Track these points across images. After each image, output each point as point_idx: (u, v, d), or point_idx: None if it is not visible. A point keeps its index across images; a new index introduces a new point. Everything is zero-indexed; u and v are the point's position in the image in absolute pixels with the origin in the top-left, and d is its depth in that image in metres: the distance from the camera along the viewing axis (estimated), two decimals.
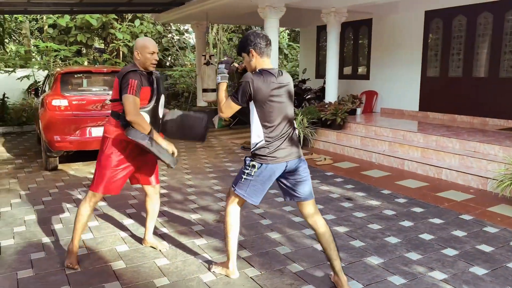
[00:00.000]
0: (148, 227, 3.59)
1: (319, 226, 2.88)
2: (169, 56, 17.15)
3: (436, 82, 8.68)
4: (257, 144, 2.78)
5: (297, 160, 2.85)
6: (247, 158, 2.87)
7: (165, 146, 3.14)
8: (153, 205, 3.53)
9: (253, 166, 2.80)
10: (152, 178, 3.45)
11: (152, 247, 3.59)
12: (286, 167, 2.82)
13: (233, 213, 2.98)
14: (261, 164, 2.77)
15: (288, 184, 2.89)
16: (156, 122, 3.25)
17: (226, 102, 2.80)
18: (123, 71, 3.10)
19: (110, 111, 3.25)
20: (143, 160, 3.31)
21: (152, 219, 3.58)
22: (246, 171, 2.83)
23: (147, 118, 3.11)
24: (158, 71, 3.41)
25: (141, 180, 3.43)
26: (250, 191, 2.85)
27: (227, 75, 2.91)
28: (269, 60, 2.86)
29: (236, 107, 2.80)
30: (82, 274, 3.11)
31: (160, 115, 3.31)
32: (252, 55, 2.79)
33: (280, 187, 2.97)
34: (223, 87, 2.87)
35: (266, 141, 2.76)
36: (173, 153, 3.20)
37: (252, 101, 2.75)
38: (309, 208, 2.91)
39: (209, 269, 3.18)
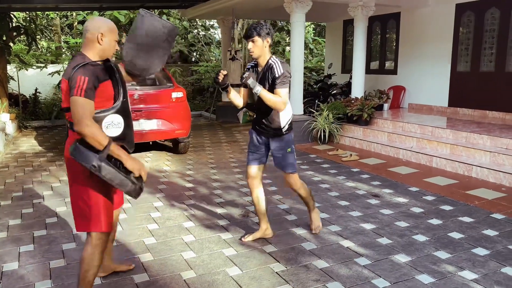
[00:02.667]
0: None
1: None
2: (194, 51, 17.27)
3: (466, 77, 8.44)
4: (289, 120, 3.39)
5: None
6: (289, 139, 3.42)
7: (130, 165, 2.33)
8: (114, 230, 2.98)
9: (292, 139, 3.47)
10: (121, 199, 2.88)
11: (118, 271, 3.08)
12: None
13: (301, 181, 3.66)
14: (290, 131, 3.46)
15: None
16: (130, 125, 2.49)
17: (284, 96, 3.20)
18: (71, 68, 2.28)
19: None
20: None
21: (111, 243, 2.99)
22: (292, 146, 3.46)
23: (120, 121, 2.37)
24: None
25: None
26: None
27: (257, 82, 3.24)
28: None
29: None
30: None
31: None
32: (268, 42, 3.25)
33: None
34: (265, 92, 3.19)
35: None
36: (139, 177, 2.39)
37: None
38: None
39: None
